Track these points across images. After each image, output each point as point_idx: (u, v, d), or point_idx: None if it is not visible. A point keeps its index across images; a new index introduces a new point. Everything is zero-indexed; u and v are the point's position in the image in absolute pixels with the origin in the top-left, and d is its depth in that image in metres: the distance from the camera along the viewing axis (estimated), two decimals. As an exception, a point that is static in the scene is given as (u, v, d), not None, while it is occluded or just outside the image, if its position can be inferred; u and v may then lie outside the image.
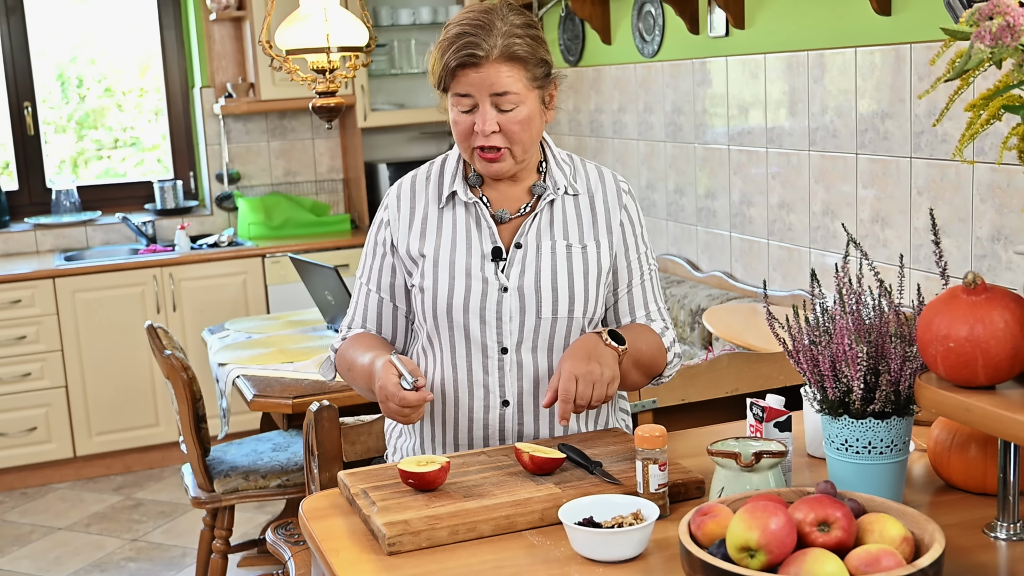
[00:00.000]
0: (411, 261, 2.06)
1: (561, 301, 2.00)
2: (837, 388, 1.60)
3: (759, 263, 3.73)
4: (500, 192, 2.05)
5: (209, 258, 5.16)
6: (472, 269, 2.00)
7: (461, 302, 2.00)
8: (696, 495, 1.77)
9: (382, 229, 2.10)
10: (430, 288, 2.02)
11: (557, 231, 2.03)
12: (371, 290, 2.11)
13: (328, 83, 3.14)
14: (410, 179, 2.12)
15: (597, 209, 2.07)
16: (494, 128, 1.92)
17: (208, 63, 5.60)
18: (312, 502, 1.84)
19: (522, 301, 1.99)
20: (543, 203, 2.03)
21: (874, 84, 3.10)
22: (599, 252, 2.04)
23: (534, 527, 1.67)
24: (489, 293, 1.99)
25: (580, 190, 2.07)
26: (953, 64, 1.50)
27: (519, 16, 1.95)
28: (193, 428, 3.36)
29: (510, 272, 2.00)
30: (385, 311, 2.12)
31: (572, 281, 2.01)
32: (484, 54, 1.89)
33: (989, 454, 1.70)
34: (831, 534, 1.37)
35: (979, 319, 1.43)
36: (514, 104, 1.92)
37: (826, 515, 1.37)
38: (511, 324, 2.00)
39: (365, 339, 2.09)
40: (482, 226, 2.03)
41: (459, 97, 1.93)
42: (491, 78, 1.90)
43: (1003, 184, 2.71)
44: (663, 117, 4.24)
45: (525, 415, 2.02)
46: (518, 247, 2.01)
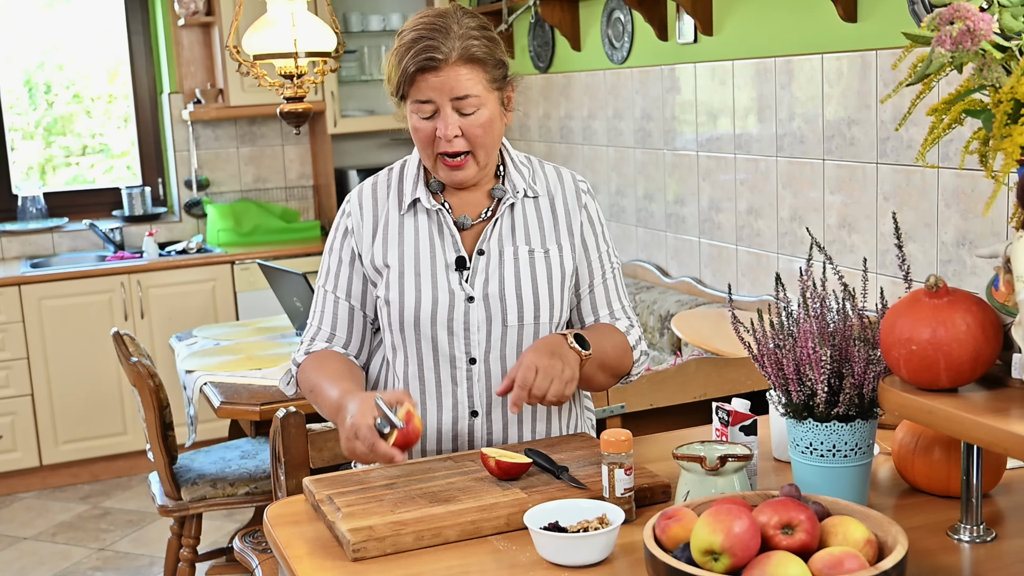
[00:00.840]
0: (375, 272, 2.03)
1: (527, 308, 1.99)
2: (801, 391, 1.60)
3: (728, 268, 3.74)
4: (461, 198, 2.03)
5: (178, 265, 5.13)
6: (437, 280, 1.98)
7: (428, 314, 1.98)
8: (662, 499, 1.76)
9: (347, 238, 2.06)
10: (396, 300, 1.99)
11: (519, 236, 2.02)
12: (339, 298, 2.07)
13: (296, 88, 3.13)
14: (370, 186, 2.08)
15: (558, 211, 2.05)
16: (456, 132, 1.90)
17: (177, 69, 5.57)
18: (277, 509, 1.83)
19: (488, 310, 1.98)
20: (503, 207, 2.02)
21: (841, 90, 3.12)
22: (562, 255, 2.03)
23: (500, 532, 1.67)
24: (456, 304, 1.98)
25: (540, 192, 2.05)
26: (915, 69, 1.51)
27: (473, 19, 1.94)
28: (160, 436, 3.34)
29: (475, 281, 1.98)
30: (355, 320, 2.07)
31: (536, 287, 2.00)
32: (443, 57, 1.86)
33: (953, 457, 1.71)
34: (795, 537, 1.37)
35: (941, 322, 1.44)
36: (475, 107, 1.90)
37: (790, 518, 1.38)
38: (479, 334, 1.98)
39: (332, 362, 2.01)
40: (445, 234, 2.01)
41: (419, 104, 1.90)
42: (451, 81, 1.87)
43: (967, 189, 2.73)
44: (632, 123, 4.25)
45: (494, 424, 2.01)
46: (481, 254, 1.99)
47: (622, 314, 2.10)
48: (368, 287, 2.06)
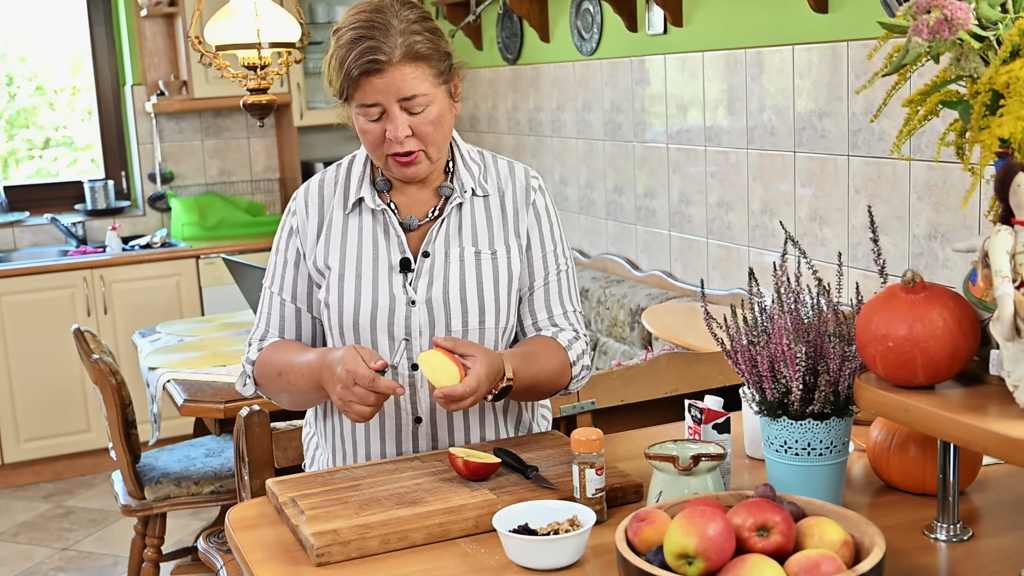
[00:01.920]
0: (318, 273, 1.96)
1: (471, 313, 1.91)
2: (776, 389, 1.57)
3: (698, 262, 3.71)
4: (409, 196, 1.96)
5: (141, 259, 5.05)
6: (379, 283, 1.91)
7: (368, 319, 1.90)
8: (634, 499, 1.73)
9: (292, 237, 1.99)
10: (335, 304, 1.92)
11: (466, 237, 1.94)
12: (285, 300, 1.99)
13: (259, 80, 3.07)
14: (317, 183, 2.00)
15: (507, 210, 1.97)
16: (407, 133, 1.82)
17: (139, 60, 5.49)
18: (239, 511, 1.78)
19: (431, 315, 1.90)
20: (451, 207, 1.94)
21: (811, 82, 3.09)
22: (509, 257, 1.95)
23: (468, 535, 1.62)
24: (396, 308, 1.90)
25: (490, 190, 1.97)
26: (890, 59, 1.48)
27: (411, 10, 1.84)
28: (122, 434, 3.27)
29: (418, 284, 1.91)
30: (304, 322, 2.00)
31: (482, 291, 1.92)
32: (386, 58, 1.77)
33: (928, 454, 1.68)
34: (770, 539, 1.33)
35: (918, 318, 1.41)
36: (424, 105, 1.82)
37: (765, 520, 1.34)
38: (421, 339, 1.91)
39: (287, 345, 1.97)
40: (390, 234, 1.93)
41: (365, 107, 1.82)
42: (397, 83, 1.79)
43: (940, 182, 2.71)
44: (602, 116, 4.21)
45: (439, 430, 1.95)
46: (426, 256, 1.92)
47: (564, 321, 2.00)
48: (313, 289, 1.98)
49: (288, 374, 1.91)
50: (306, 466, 2.16)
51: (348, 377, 1.73)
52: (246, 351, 2.03)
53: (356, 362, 1.73)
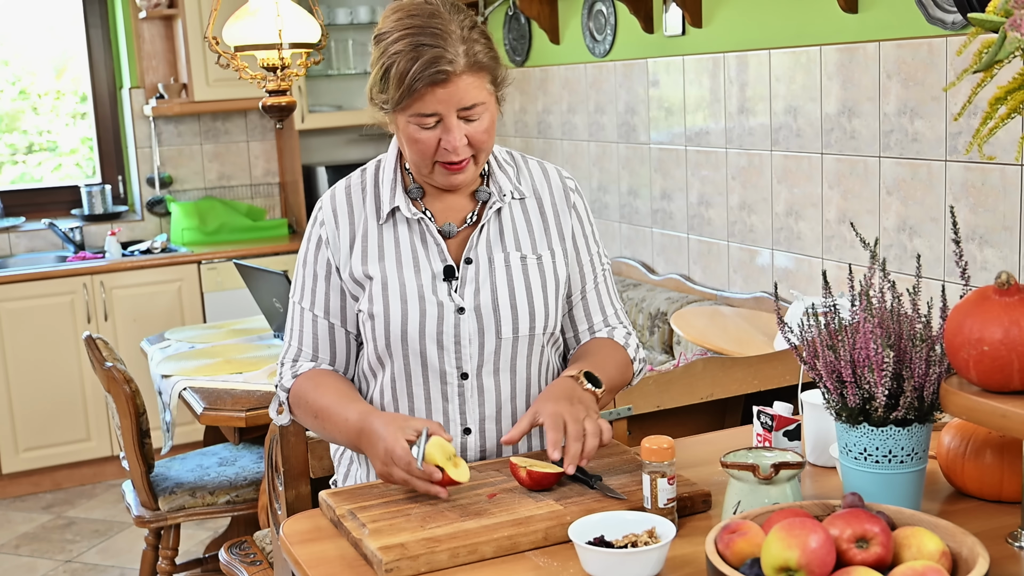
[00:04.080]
0: (356, 285, 1.87)
1: (521, 319, 1.85)
2: (858, 395, 1.52)
3: (718, 265, 3.67)
4: (444, 203, 1.88)
5: (142, 265, 4.97)
6: (424, 291, 1.83)
7: (416, 328, 1.83)
8: (703, 509, 1.68)
9: (321, 248, 1.89)
10: (381, 314, 1.84)
11: (508, 241, 1.88)
12: (318, 316, 1.90)
13: (279, 81, 3.00)
14: (343, 191, 1.91)
15: (547, 213, 1.91)
16: (464, 142, 1.76)
17: (137, 63, 5.41)
18: (293, 525, 1.72)
19: (480, 322, 1.84)
20: (489, 211, 1.87)
21: (840, 83, 3.06)
22: (555, 261, 1.89)
23: (537, 547, 1.57)
24: (445, 316, 1.83)
25: (526, 192, 1.91)
26: (980, 55, 1.44)
27: (464, 15, 1.76)
28: (137, 443, 3.20)
29: (464, 291, 1.84)
30: (338, 338, 1.92)
31: (531, 296, 1.86)
32: (452, 68, 1.69)
33: (1006, 461, 1.64)
34: (870, 551, 1.29)
35: (1014, 321, 1.37)
36: (480, 114, 1.76)
37: (864, 531, 1.30)
38: (471, 347, 1.84)
39: (330, 382, 1.88)
40: (428, 243, 1.86)
41: (422, 117, 1.74)
42: (460, 92, 1.72)
43: (978, 183, 2.68)
44: (615, 118, 4.16)
45: (488, 441, 1.89)
46: (468, 262, 1.85)
47: (615, 320, 1.98)
48: (347, 302, 1.89)
49: (325, 422, 1.83)
50: (337, 481, 2.08)
51: (387, 456, 1.67)
52: (279, 373, 1.94)
53: (395, 440, 1.66)
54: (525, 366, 1.88)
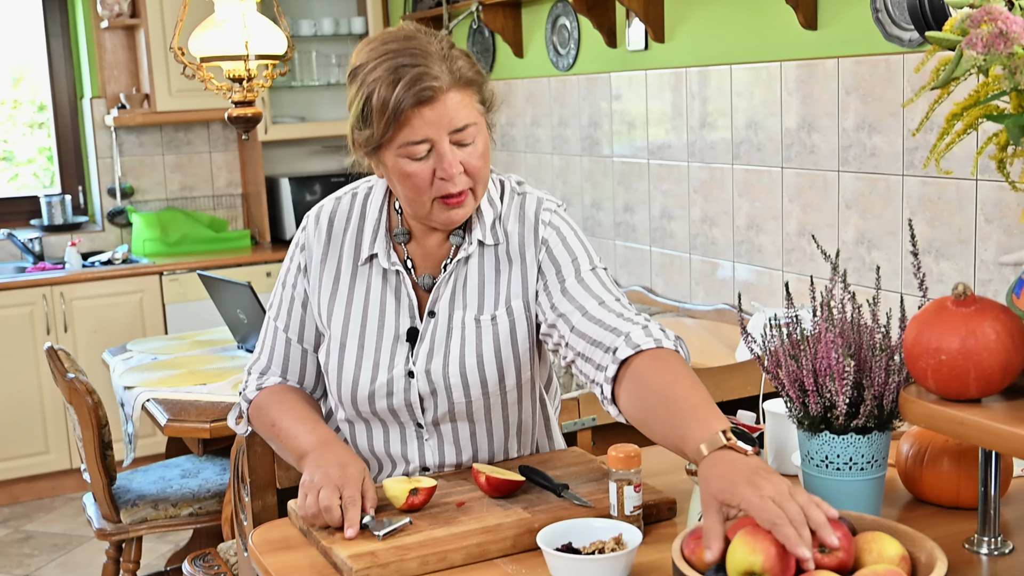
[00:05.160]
0: (321, 323, 1.85)
1: (472, 386, 1.79)
2: (819, 404, 1.56)
3: (680, 277, 3.71)
4: (425, 249, 1.81)
5: (103, 276, 4.94)
6: (381, 357, 1.79)
7: (366, 394, 1.80)
8: (668, 516, 1.70)
9: (299, 275, 1.86)
10: (334, 373, 1.82)
11: (470, 296, 1.79)
12: (291, 339, 1.88)
13: (245, 92, 3.01)
14: (328, 214, 1.85)
15: (513, 259, 1.79)
16: (460, 169, 1.65)
17: (99, 73, 5.38)
18: (262, 534, 1.72)
19: (431, 385, 1.79)
20: (455, 262, 1.79)
21: (800, 98, 3.11)
22: (512, 319, 1.79)
23: (506, 554, 1.59)
24: (395, 380, 1.79)
25: (500, 237, 1.79)
26: (937, 73, 1.48)
27: (438, 35, 1.70)
28: (99, 455, 3.19)
29: (419, 351, 1.79)
30: (309, 362, 1.89)
31: (482, 362, 1.78)
32: (439, 84, 1.60)
33: (962, 467, 1.68)
34: (833, 555, 1.32)
35: (971, 331, 1.40)
36: (473, 136, 1.66)
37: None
38: (423, 404, 1.81)
39: (291, 399, 1.85)
40: (401, 298, 1.80)
41: (412, 146, 1.63)
42: (449, 112, 1.62)
43: (934, 197, 2.73)
44: (579, 131, 4.20)
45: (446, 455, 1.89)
46: (432, 315, 1.79)
47: (619, 306, 1.71)
48: (320, 333, 1.87)
49: (279, 439, 1.82)
50: None
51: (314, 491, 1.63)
52: (244, 382, 1.94)
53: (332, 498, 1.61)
54: (485, 420, 1.86)
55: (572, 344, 1.71)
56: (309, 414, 1.83)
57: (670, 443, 1.51)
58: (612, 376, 1.62)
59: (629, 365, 1.61)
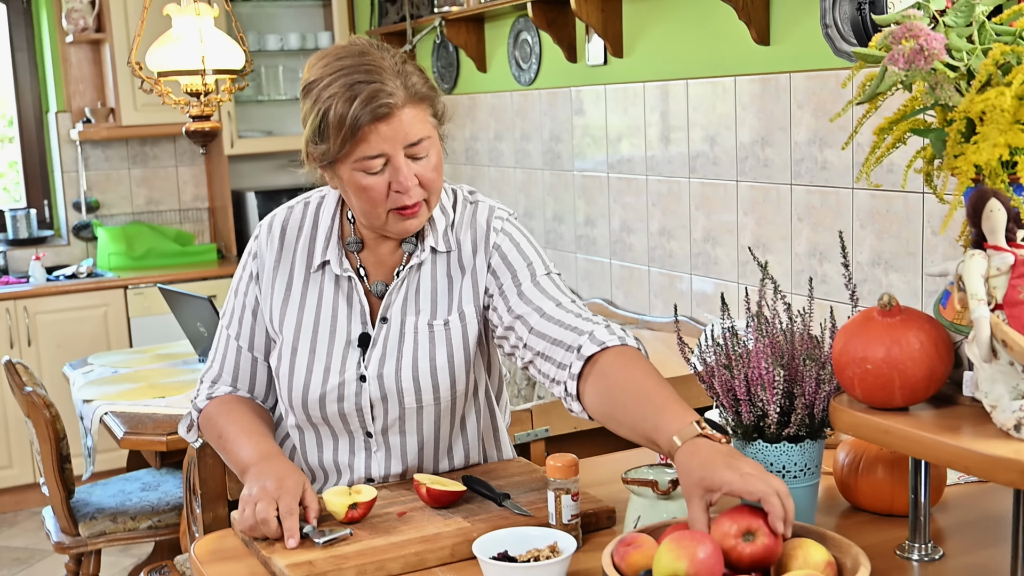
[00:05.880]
0: (273, 331, 1.87)
1: (424, 391, 1.82)
2: (752, 412, 1.58)
3: (640, 290, 3.74)
4: (378, 256, 1.84)
5: (67, 290, 4.93)
6: (332, 361, 1.81)
7: (317, 398, 1.82)
8: (607, 524, 1.72)
9: (251, 283, 1.88)
10: (285, 377, 1.83)
11: (423, 303, 1.82)
12: (242, 347, 1.89)
13: (202, 107, 3.02)
14: (281, 222, 1.87)
15: (465, 266, 1.83)
16: (415, 182, 1.68)
17: (64, 87, 5.38)
18: (205, 545, 1.73)
19: (382, 390, 1.81)
20: (407, 268, 1.82)
21: (754, 113, 3.15)
22: (464, 324, 1.83)
23: (444, 563, 1.60)
24: (347, 383, 1.81)
25: (452, 244, 1.83)
26: (863, 88, 1.51)
27: (395, 51, 1.72)
28: (56, 469, 3.18)
29: (371, 356, 1.81)
30: (259, 371, 1.91)
31: (435, 368, 1.81)
32: (394, 101, 1.63)
33: (896, 476, 1.71)
34: (756, 542, 1.34)
35: (895, 341, 1.43)
36: (427, 150, 1.69)
37: (749, 524, 1.35)
38: (373, 411, 1.83)
39: (239, 409, 1.87)
40: (353, 304, 1.83)
41: (367, 160, 1.66)
42: (404, 127, 1.64)
43: (883, 210, 2.77)
44: (540, 145, 4.23)
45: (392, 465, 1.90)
46: (384, 321, 1.82)
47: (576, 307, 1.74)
48: (271, 341, 1.89)
49: (225, 447, 1.84)
50: None
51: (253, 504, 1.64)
52: (196, 390, 1.95)
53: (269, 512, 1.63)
54: (433, 428, 1.87)
55: (531, 344, 1.73)
56: (256, 426, 1.84)
57: (641, 435, 1.54)
58: (577, 373, 1.65)
59: (595, 362, 1.64)
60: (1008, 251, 1.40)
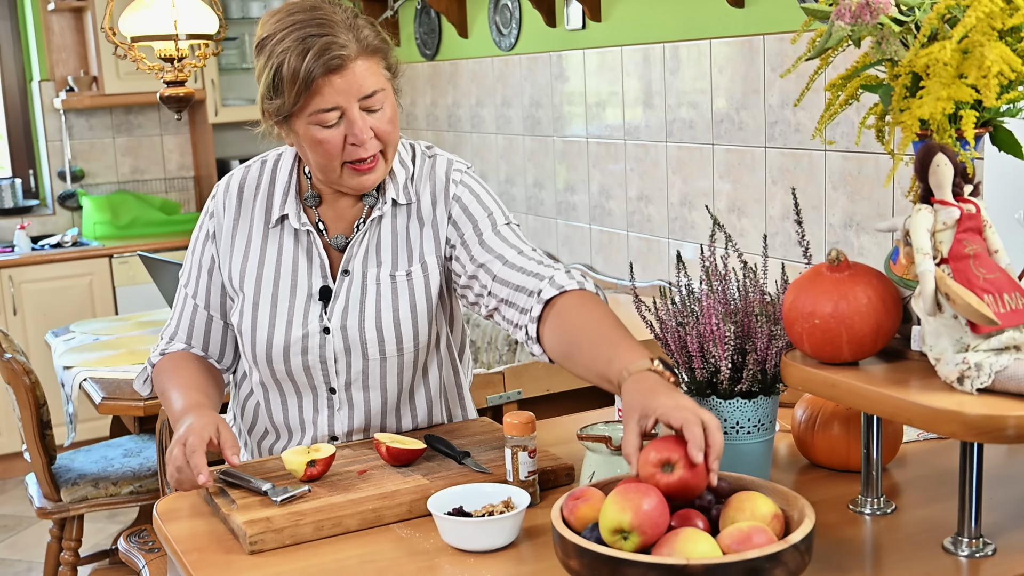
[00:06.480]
0: (232, 290, 1.88)
1: (388, 341, 1.83)
2: (705, 368, 1.60)
3: (619, 255, 3.75)
4: (337, 211, 1.85)
5: (52, 259, 4.93)
6: (294, 315, 1.83)
7: (281, 351, 1.83)
8: (566, 482, 1.74)
9: (208, 242, 1.90)
10: (248, 332, 1.85)
11: (384, 255, 1.84)
12: (198, 305, 1.91)
13: (176, 72, 3.02)
14: (237, 184, 1.89)
15: (424, 218, 1.85)
16: (370, 134, 1.71)
17: (47, 56, 5.36)
18: (167, 504, 1.75)
19: (346, 342, 1.83)
20: (370, 221, 1.83)
21: (729, 76, 3.15)
22: (426, 274, 1.85)
23: (402, 520, 1.62)
24: (311, 336, 1.83)
25: (412, 197, 1.85)
26: (813, 44, 1.51)
27: (345, 7, 1.75)
28: (37, 435, 3.20)
29: (334, 307, 1.83)
30: (214, 329, 1.92)
31: (398, 318, 1.83)
32: (347, 53, 1.66)
33: (851, 432, 1.72)
34: (674, 474, 1.34)
35: (843, 295, 1.44)
36: (381, 103, 1.71)
37: (668, 455, 1.34)
38: (337, 365, 1.85)
39: (185, 366, 1.88)
40: (313, 257, 1.84)
41: (322, 113, 1.68)
42: (359, 79, 1.67)
43: (854, 172, 2.77)
44: (521, 111, 4.23)
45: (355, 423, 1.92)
46: (346, 273, 1.84)
47: (536, 255, 1.78)
48: (227, 299, 1.90)
49: (165, 401, 1.86)
50: None
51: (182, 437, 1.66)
52: (153, 348, 1.97)
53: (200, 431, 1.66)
54: (397, 382, 1.89)
55: (495, 292, 1.77)
56: (195, 381, 1.86)
57: (595, 373, 1.56)
58: (537, 316, 1.69)
59: (553, 305, 1.68)
60: (954, 205, 1.41)
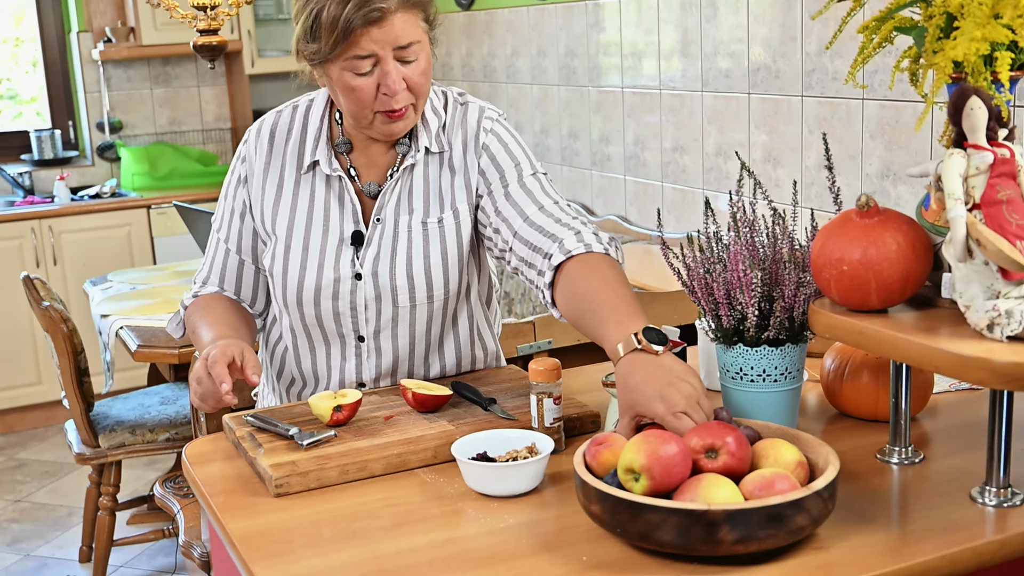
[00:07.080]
0: (265, 233, 1.89)
1: (419, 288, 1.85)
2: (732, 316, 1.58)
3: (653, 206, 3.72)
4: (369, 157, 1.85)
5: (91, 210, 4.98)
6: (326, 258, 1.84)
7: (312, 294, 1.85)
8: (591, 429, 1.74)
9: (240, 187, 1.90)
10: (279, 275, 1.86)
11: (416, 202, 1.85)
12: (230, 250, 1.93)
13: (209, 20, 3.01)
14: (270, 126, 1.89)
15: (455, 166, 1.85)
16: (403, 85, 1.71)
17: (85, 6, 5.37)
18: (196, 447, 1.77)
19: (377, 289, 1.84)
20: (403, 169, 1.84)
21: (766, 24, 3.09)
22: (458, 222, 1.85)
23: (427, 465, 1.63)
24: (342, 281, 1.84)
25: (446, 145, 1.86)
26: (846, -15, 1.48)
27: None
28: (75, 382, 3.24)
29: (366, 254, 1.84)
30: (245, 273, 1.94)
31: (429, 266, 1.84)
32: (386, 6, 1.66)
33: (880, 381, 1.70)
34: (718, 460, 1.35)
35: (872, 242, 1.42)
36: (416, 54, 1.71)
37: (713, 441, 1.35)
38: (367, 312, 1.85)
39: (216, 306, 1.91)
40: (345, 203, 1.85)
41: (357, 60, 1.69)
42: (396, 31, 1.67)
43: (892, 120, 2.73)
44: (556, 60, 4.19)
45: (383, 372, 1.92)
46: (379, 221, 1.84)
47: (557, 210, 1.78)
48: (259, 243, 1.91)
49: (194, 338, 1.88)
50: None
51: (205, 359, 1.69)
52: (188, 291, 1.99)
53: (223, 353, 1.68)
54: (425, 330, 1.89)
55: (516, 250, 1.79)
56: (225, 318, 1.87)
57: (597, 341, 1.60)
58: (549, 282, 1.72)
59: (562, 270, 1.70)
60: (988, 150, 1.38)
